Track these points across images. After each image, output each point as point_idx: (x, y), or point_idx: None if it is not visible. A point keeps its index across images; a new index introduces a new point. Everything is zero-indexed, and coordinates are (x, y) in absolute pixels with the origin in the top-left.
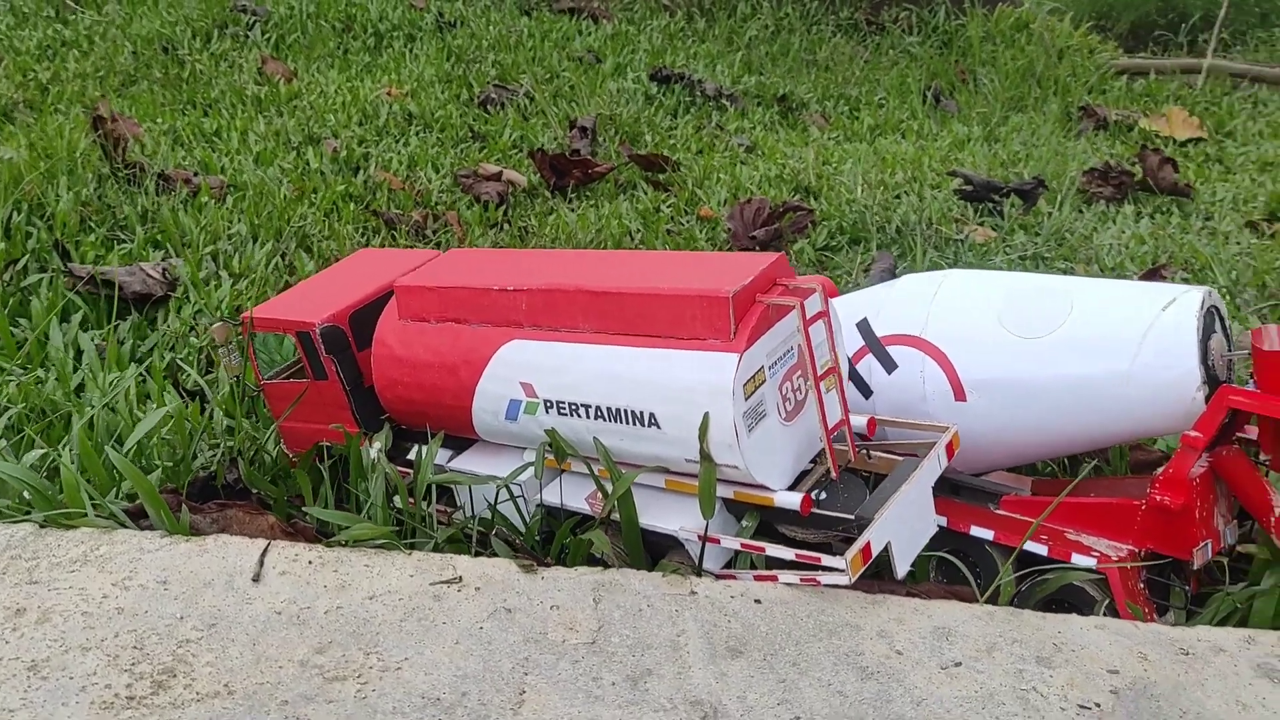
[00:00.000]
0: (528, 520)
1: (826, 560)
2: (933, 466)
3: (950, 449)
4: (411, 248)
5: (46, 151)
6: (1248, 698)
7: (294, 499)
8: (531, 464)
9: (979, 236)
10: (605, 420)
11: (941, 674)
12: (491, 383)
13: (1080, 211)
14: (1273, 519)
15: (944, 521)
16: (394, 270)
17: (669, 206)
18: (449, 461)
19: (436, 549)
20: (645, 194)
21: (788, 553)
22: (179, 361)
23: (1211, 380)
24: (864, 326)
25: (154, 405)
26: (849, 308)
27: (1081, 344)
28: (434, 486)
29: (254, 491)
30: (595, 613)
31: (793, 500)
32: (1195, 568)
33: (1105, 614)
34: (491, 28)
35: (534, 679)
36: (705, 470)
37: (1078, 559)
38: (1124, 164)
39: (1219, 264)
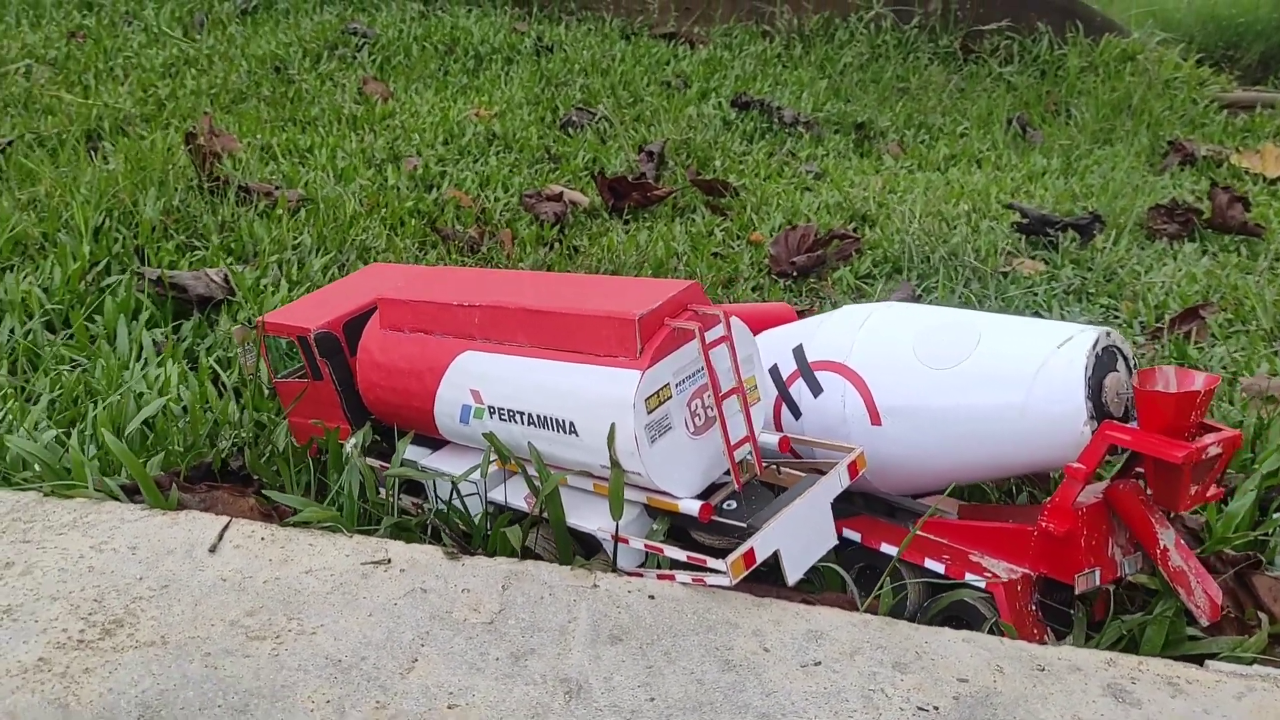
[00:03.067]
0: (477, 516)
1: (711, 563)
2: (832, 483)
3: (854, 469)
4: (461, 264)
5: (141, 164)
6: (1087, 714)
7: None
8: (479, 465)
9: (1025, 269)
10: (536, 427)
11: (799, 671)
12: (448, 389)
13: (1140, 248)
14: (1158, 550)
15: (858, 538)
16: (393, 284)
17: (722, 230)
18: (425, 459)
19: (387, 534)
20: (703, 218)
21: (680, 554)
22: (226, 359)
23: (1104, 415)
24: (798, 352)
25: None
26: (790, 333)
27: (982, 376)
28: (402, 482)
29: (255, 477)
30: (500, 598)
31: (693, 507)
32: (1078, 592)
33: (993, 632)
34: (585, 52)
35: (428, 650)
36: (614, 475)
37: (971, 578)
38: (1191, 201)
39: (1263, 305)
